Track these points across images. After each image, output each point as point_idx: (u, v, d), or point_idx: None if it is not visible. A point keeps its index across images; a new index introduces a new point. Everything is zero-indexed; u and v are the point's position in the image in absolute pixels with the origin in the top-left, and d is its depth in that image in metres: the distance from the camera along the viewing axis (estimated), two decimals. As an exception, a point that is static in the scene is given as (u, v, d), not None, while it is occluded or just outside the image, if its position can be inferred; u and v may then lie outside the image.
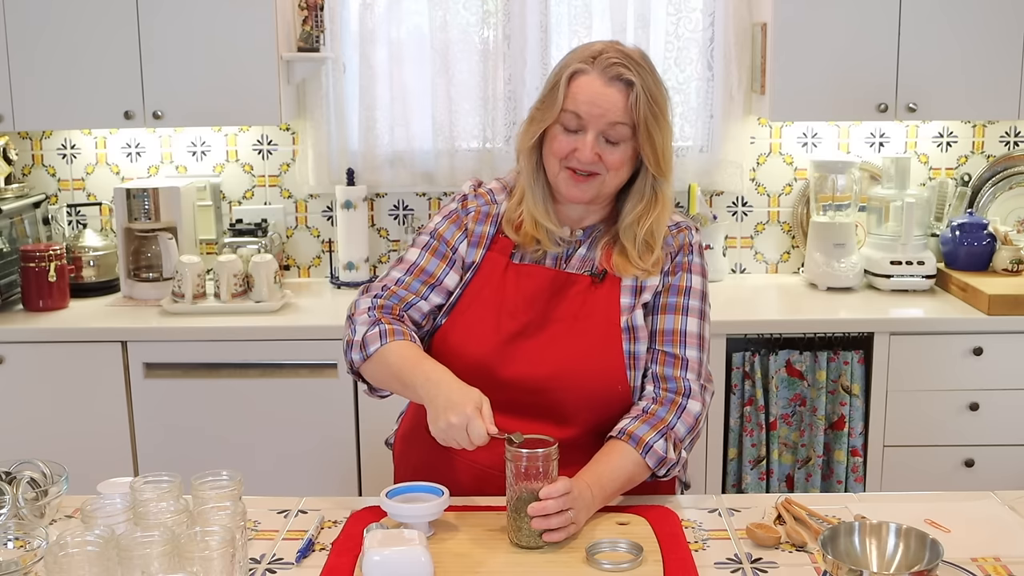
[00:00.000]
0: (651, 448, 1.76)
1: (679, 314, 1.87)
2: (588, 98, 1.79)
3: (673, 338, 1.85)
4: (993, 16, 3.08)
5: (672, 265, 1.89)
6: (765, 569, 1.57)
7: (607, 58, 1.80)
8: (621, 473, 1.75)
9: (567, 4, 3.34)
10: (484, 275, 1.89)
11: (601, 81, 1.79)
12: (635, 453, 1.76)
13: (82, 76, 3.12)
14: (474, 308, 1.87)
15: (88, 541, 1.42)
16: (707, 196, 3.49)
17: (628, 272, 1.86)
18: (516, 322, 1.84)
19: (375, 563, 1.47)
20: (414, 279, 1.89)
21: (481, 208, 1.95)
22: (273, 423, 2.98)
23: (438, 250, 1.91)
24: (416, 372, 1.72)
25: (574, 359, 1.82)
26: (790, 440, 3.08)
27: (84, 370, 2.98)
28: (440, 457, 1.87)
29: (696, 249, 1.92)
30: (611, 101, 1.79)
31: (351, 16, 3.37)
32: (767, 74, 3.17)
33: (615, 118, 1.79)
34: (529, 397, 1.82)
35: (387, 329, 1.79)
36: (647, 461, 1.76)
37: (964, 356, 2.97)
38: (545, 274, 1.88)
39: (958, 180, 3.48)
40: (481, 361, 1.83)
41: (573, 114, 1.80)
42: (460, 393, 1.65)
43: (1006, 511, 1.76)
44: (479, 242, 1.92)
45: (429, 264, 1.90)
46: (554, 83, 1.83)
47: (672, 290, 1.88)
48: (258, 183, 3.53)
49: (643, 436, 1.77)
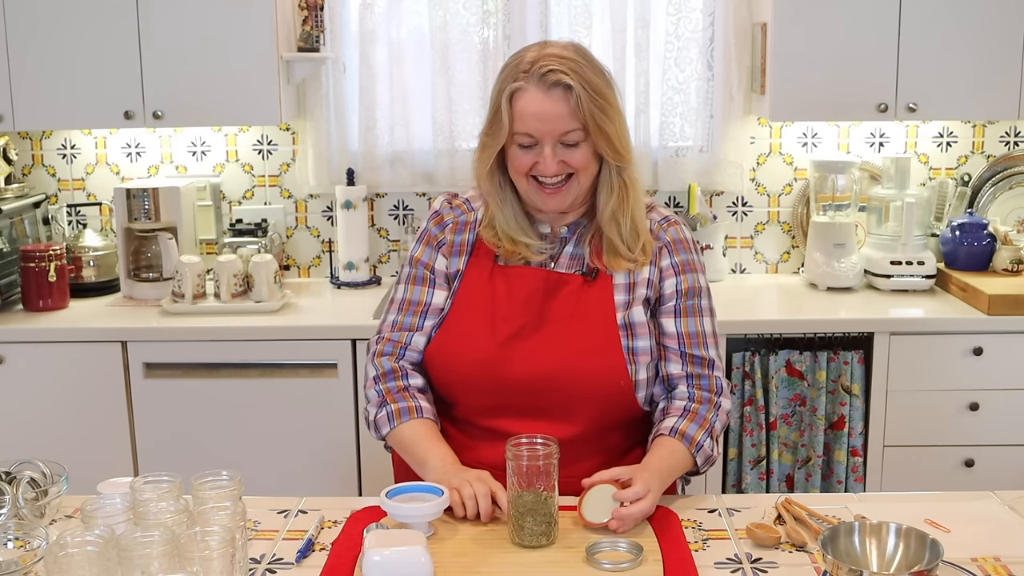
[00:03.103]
0: (701, 447, 1.82)
1: (697, 316, 1.90)
2: (533, 114, 1.79)
3: (698, 340, 1.89)
4: (993, 16, 3.08)
5: (680, 263, 1.90)
6: (765, 569, 1.57)
7: (540, 67, 1.78)
8: (677, 468, 1.80)
9: (567, 4, 3.34)
10: (471, 281, 1.91)
11: (540, 94, 1.78)
12: (687, 451, 1.81)
13: (82, 76, 3.12)
14: (467, 315, 1.88)
15: (88, 541, 1.42)
16: (707, 196, 3.49)
17: (621, 267, 1.87)
18: (512, 324, 1.85)
19: (375, 563, 1.47)
20: (405, 315, 1.94)
21: (459, 219, 1.97)
22: (273, 423, 2.98)
23: (418, 277, 1.96)
24: (423, 456, 1.80)
25: (574, 357, 1.82)
26: (790, 440, 3.08)
27: (84, 370, 2.98)
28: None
29: (693, 245, 1.94)
30: (556, 111, 1.78)
31: (351, 16, 3.37)
32: (767, 74, 3.17)
33: (565, 127, 1.79)
34: (531, 398, 1.83)
35: (394, 411, 1.87)
36: (697, 459, 1.82)
37: (964, 356, 2.97)
38: (536, 275, 1.88)
39: (958, 180, 3.48)
40: (480, 365, 1.84)
41: (524, 134, 1.81)
42: (459, 477, 1.72)
43: (1006, 511, 1.76)
44: (460, 250, 1.94)
45: (414, 295, 1.95)
46: (496, 107, 1.83)
47: (689, 292, 1.90)
48: (258, 183, 3.53)
49: (694, 435, 1.81)
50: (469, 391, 1.87)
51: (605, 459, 1.85)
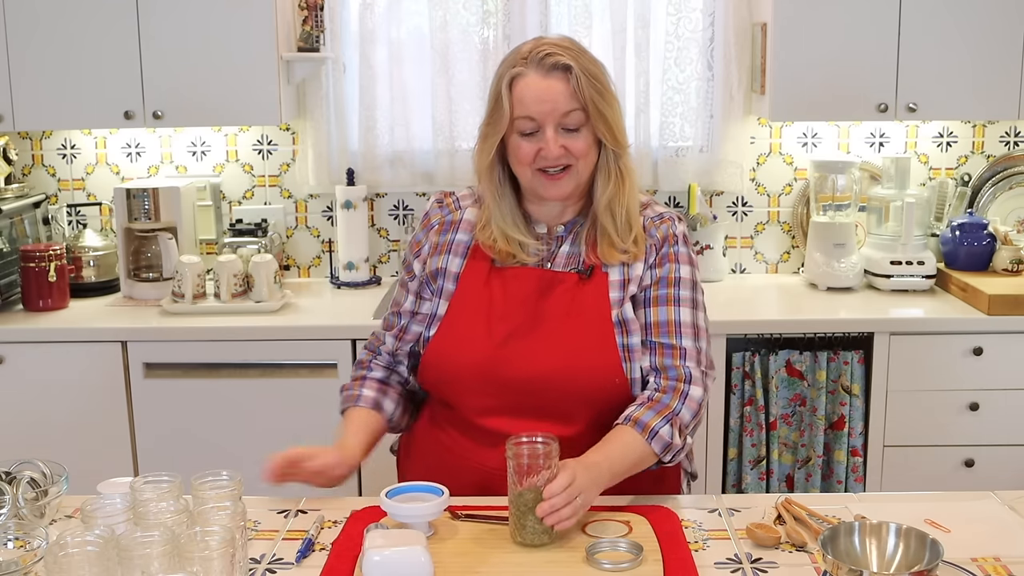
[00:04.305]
0: (657, 433, 1.77)
1: (671, 305, 1.87)
2: (534, 96, 1.80)
3: (668, 329, 1.85)
4: (993, 16, 3.08)
5: (658, 257, 1.89)
6: (765, 569, 1.57)
7: (538, 53, 1.81)
8: (629, 455, 1.76)
9: (567, 4, 3.34)
10: (467, 283, 1.91)
11: (540, 76, 1.80)
12: (641, 439, 1.76)
13: (82, 76, 3.12)
14: (463, 316, 1.89)
15: (88, 541, 1.42)
16: (707, 196, 3.49)
17: (614, 258, 1.86)
18: (507, 324, 1.85)
19: (375, 563, 1.47)
20: (389, 314, 2.02)
21: (445, 218, 1.98)
22: (273, 423, 2.98)
23: (403, 280, 2.01)
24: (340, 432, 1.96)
25: (569, 355, 1.82)
26: (790, 440, 3.08)
27: (84, 370, 2.98)
28: (444, 461, 1.89)
29: (681, 239, 1.91)
30: (556, 91, 1.80)
31: (351, 16, 3.37)
32: (767, 74, 3.17)
33: (566, 107, 1.80)
34: (529, 398, 1.83)
35: (343, 397, 2.01)
36: (653, 447, 1.77)
37: (964, 356, 2.97)
38: (531, 274, 1.88)
39: (958, 180, 3.48)
40: (478, 367, 1.84)
41: (525, 118, 1.81)
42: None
43: (1006, 511, 1.76)
44: (455, 249, 1.94)
45: (398, 296, 2.01)
46: (496, 95, 1.84)
47: (662, 282, 1.88)
48: (258, 183, 3.53)
49: (648, 422, 1.77)
50: (467, 392, 1.87)
51: None
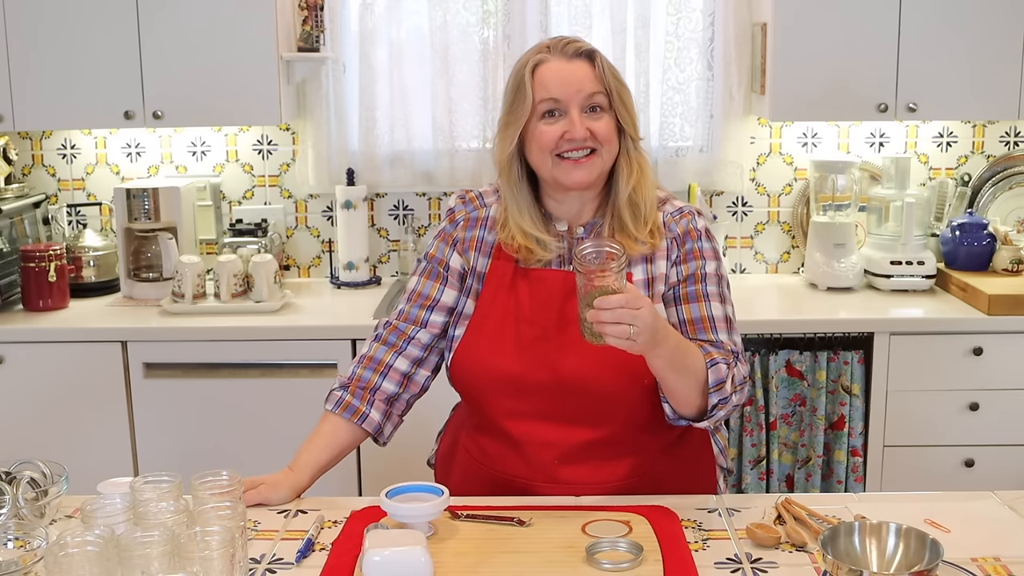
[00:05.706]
0: (716, 364, 1.75)
1: (701, 301, 1.85)
2: (558, 79, 1.80)
3: (703, 325, 1.84)
4: (993, 16, 3.08)
5: (682, 253, 1.87)
6: (765, 569, 1.57)
7: (560, 42, 1.83)
8: (690, 354, 1.73)
9: (567, 4, 3.34)
10: (494, 284, 1.89)
11: (564, 61, 1.82)
12: (703, 360, 1.74)
13: (82, 76, 3.12)
14: (491, 320, 1.87)
15: (88, 541, 1.42)
16: (707, 196, 3.49)
17: (634, 250, 1.83)
18: (535, 328, 1.84)
19: (375, 563, 1.47)
20: (413, 306, 1.96)
21: (470, 214, 1.96)
22: (273, 423, 2.98)
23: (432, 272, 1.96)
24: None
25: (596, 358, 1.79)
26: (790, 440, 3.08)
27: (84, 370, 2.98)
28: (479, 473, 1.89)
29: (704, 234, 1.89)
30: (581, 73, 1.81)
31: (351, 16, 3.37)
32: (767, 74, 3.17)
33: (591, 88, 1.81)
34: (559, 401, 1.82)
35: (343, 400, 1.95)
36: (709, 374, 1.74)
37: (964, 356, 2.97)
38: (556, 277, 1.87)
39: (958, 180, 3.48)
40: (508, 373, 1.83)
41: (549, 100, 1.81)
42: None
43: (1006, 511, 1.76)
44: (470, 246, 1.93)
45: (425, 288, 1.95)
46: (518, 83, 1.83)
47: (690, 279, 1.86)
48: (258, 183, 3.53)
49: (713, 353, 1.77)
50: (498, 397, 1.85)
51: (640, 460, 1.84)
